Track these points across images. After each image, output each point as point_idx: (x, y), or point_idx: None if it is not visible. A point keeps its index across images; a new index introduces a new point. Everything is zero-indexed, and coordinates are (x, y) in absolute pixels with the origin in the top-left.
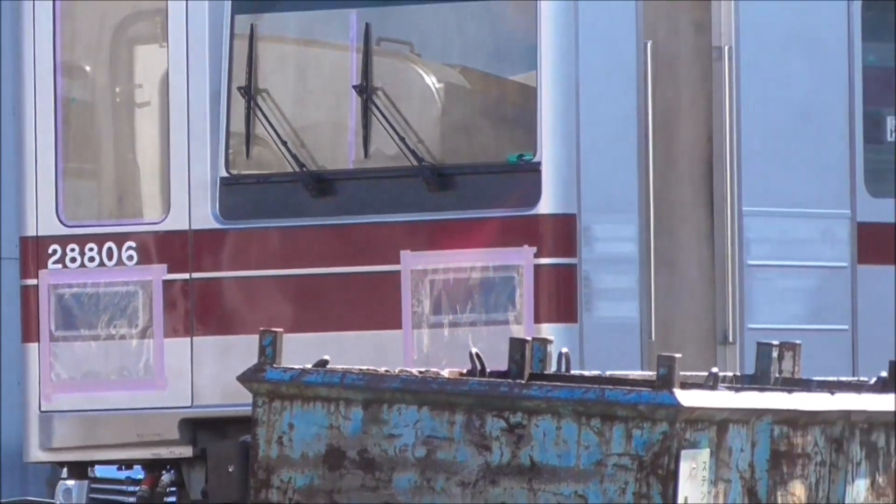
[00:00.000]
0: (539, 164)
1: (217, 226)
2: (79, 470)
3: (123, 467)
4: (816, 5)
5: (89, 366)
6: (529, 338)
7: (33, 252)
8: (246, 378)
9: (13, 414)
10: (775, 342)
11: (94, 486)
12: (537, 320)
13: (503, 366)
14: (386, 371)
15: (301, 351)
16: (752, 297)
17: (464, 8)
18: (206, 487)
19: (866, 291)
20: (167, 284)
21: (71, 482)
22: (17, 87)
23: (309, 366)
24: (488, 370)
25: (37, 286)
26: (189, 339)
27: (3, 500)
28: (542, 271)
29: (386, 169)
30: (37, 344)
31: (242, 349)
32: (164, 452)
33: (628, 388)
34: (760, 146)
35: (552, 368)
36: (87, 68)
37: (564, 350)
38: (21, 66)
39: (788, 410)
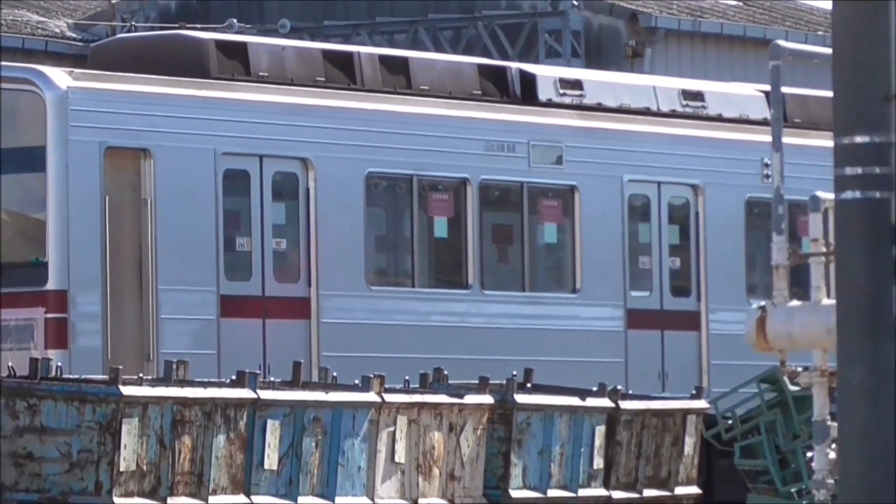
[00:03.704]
0: (47, 263)
1: None
2: None
3: None
4: (192, 175)
5: None
6: (41, 357)
7: None
8: None
9: None
10: (175, 360)
11: None
12: (46, 347)
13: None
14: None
15: None
16: (162, 335)
17: None
18: None
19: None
20: None
21: None
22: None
23: None
24: (18, 374)
25: None
26: None
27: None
28: (49, 321)
29: None
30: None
31: None
32: None
33: (95, 384)
34: (168, 254)
35: (70, 375)
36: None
37: (60, 363)
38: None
39: (188, 398)
